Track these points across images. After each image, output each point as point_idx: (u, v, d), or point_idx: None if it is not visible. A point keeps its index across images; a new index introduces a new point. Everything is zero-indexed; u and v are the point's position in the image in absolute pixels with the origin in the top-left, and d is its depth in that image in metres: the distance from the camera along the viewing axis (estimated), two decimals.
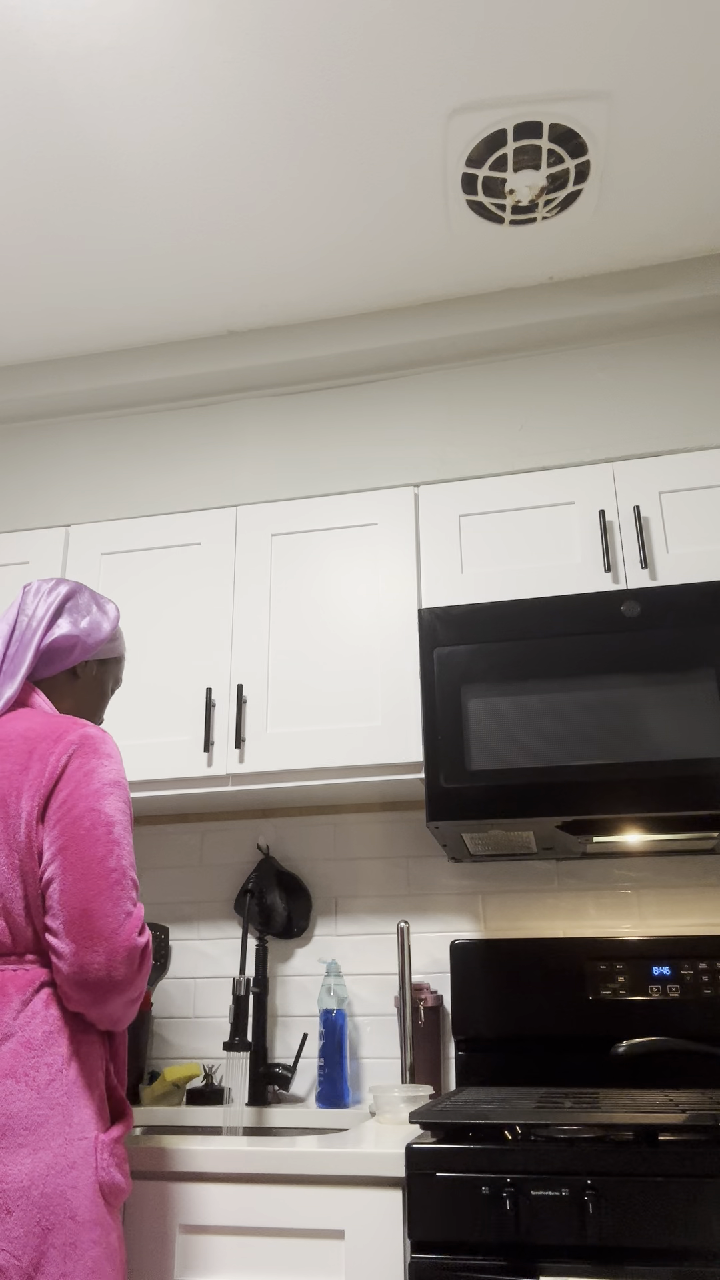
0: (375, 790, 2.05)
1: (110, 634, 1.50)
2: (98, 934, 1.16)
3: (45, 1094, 1.14)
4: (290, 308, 2.31)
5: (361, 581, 2.07)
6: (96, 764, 1.27)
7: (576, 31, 1.66)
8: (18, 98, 1.77)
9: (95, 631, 1.48)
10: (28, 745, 1.28)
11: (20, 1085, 1.13)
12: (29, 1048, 1.15)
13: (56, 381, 2.43)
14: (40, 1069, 1.15)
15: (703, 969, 1.87)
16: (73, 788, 1.24)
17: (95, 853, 1.20)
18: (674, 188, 2.00)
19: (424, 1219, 1.27)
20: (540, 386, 2.21)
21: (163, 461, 2.35)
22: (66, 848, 1.20)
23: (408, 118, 1.82)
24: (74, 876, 1.19)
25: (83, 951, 1.16)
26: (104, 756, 1.29)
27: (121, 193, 1.98)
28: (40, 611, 1.45)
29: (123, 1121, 1.22)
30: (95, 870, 1.19)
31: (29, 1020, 1.17)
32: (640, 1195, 1.22)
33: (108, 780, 1.27)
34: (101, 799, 1.24)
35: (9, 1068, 1.13)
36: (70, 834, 1.21)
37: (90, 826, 1.21)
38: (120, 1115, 1.24)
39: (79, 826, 1.21)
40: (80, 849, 1.20)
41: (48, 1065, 1.15)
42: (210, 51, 1.69)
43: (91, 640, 1.47)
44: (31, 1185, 1.09)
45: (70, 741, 1.28)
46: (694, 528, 1.96)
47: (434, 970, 2.07)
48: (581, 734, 1.72)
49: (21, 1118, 1.11)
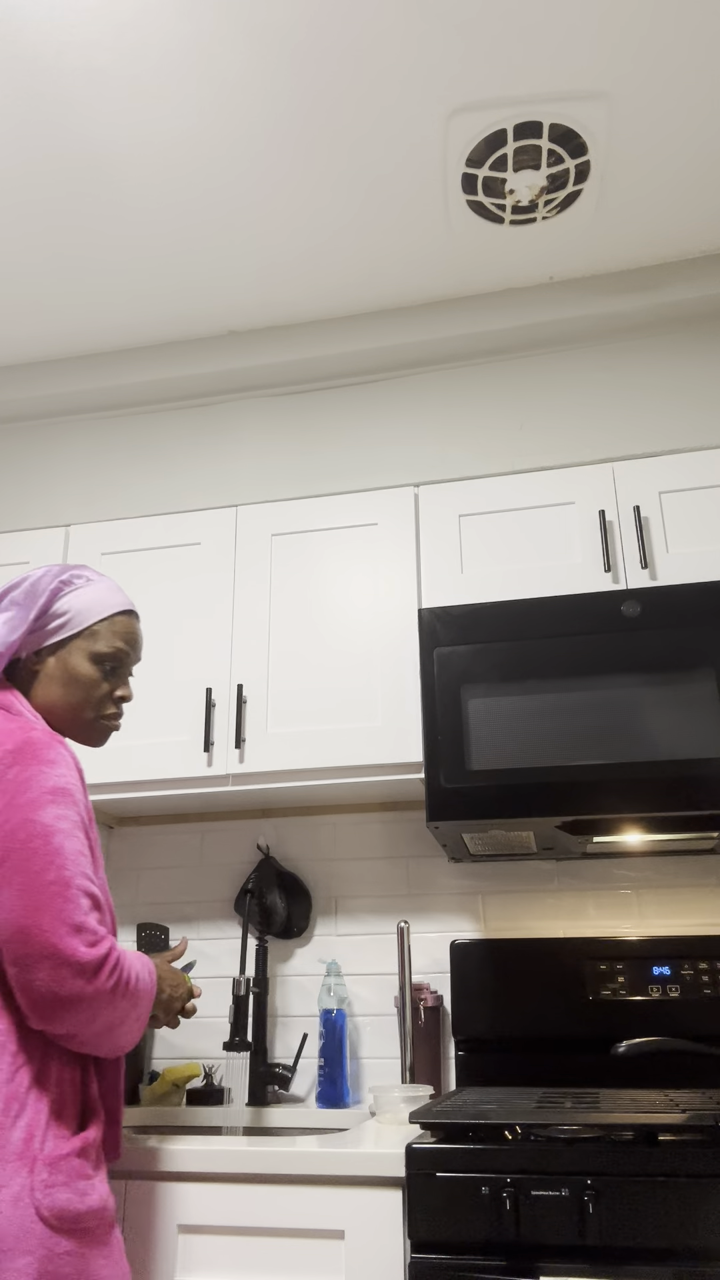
0: (375, 790, 2.05)
1: (38, 621, 1.38)
2: (37, 951, 1.09)
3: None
4: (290, 308, 2.31)
5: (361, 581, 2.07)
6: (35, 771, 1.19)
7: (576, 31, 1.66)
8: (17, 98, 1.77)
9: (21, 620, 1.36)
10: None
11: None
12: None
13: (56, 381, 2.43)
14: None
15: (703, 969, 1.87)
16: (8, 799, 1.17)
17: (32, 866, 1.13)
18: (674, 188, 2.00)
19: (424, 1219, 1.27)
20: (540, 386, 2.21)
21: (163, 461, 2.35)
22: (3, 862, 1.13)
23: (408, 118, 1.82)
24: (11, 893, 1.12)
25: (23, 971, 1.10)
26: (44, 763, 1.21)
27: (121, 193, 1.98)
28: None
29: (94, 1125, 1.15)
30: (32, 885, 1.11)
31: None
32: (640, 1195, 1.22)
33: (46, 788, 1.19)
34: (38, 809, 1.16)
35: None
36: (5, 847, 1.14)
37: (26, 839, 1.14)
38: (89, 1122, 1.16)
39: (13, 840, 1.14)
40: (15, 863, 1.13)
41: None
42: (210, 51, 1.69)
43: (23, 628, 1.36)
44: None
45: (7, 750, 1.21)
46: (694, 528, 1.96)
47: (434, 970, 2.07)
48: (581, 734, 1.72)
49: None
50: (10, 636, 1.35)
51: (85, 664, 1.39)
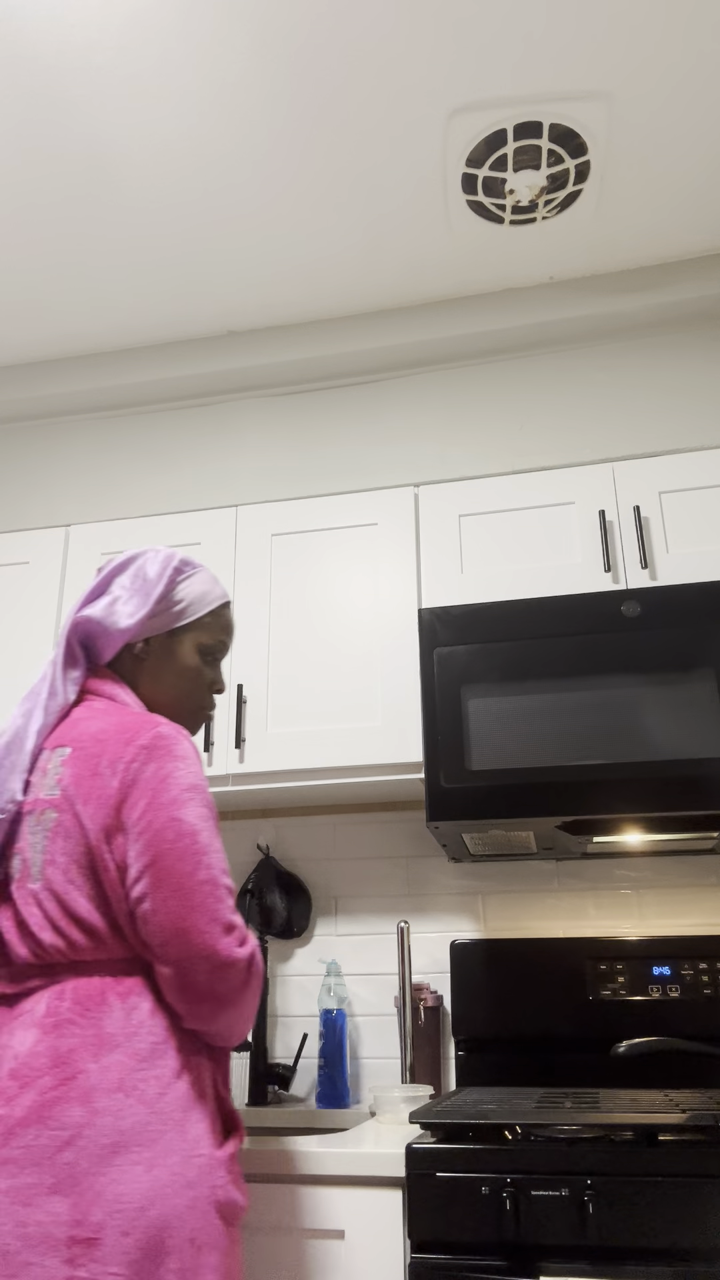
0: (375, 790, 2.05)
1: (157, 606, 1.34)
2: (195, 952, 1.09)
3: (157, 1108, 1.05)
4: (290, 308, 2.31)
5: (361, 581, 2.07)
6: (173, 767, 1.17)
7: (577, 31, 1.66)
8: (17, 98, 1.77)
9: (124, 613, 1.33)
10: (98, 748, 1.19)
11: (131, 1099, 1.04)
12: (137, 1059, 1.07)
13: (56, 381, 2.43)
14: (150, 1081, 1.06)
15: (703, 969, 1.87)
16: (150, 797, 1.15)
17: (182, 867, 1.11)
18: (674, 188, 2.00)
19: (424, 1219, 1.27)
20: (540, 386, 2.21)
21: (163, 461, 2.35)
22: (152, 864, 1.12)
23: (408, 118, 1.82)
24: (164, 894, 1.11)
25: (182, 973, 1.09)
26: (179, 759, 1.19)
27: (121, 192, 1.98)
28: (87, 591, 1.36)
29: (236, 1135, 1.14)
30: (184, 886, 1.11)
31: (135, 1030, 1.09)
32: (640, 1195, 1.22)
33: (185, 785, 1.17)
34: (181, 807, 1.15)
35: (117, 1081, 1.05)
36: (154, 849, 1.12)
37: (174, 839, 1.13)
38: (233, 1128, 1.15)
39: (161, 840, 1.12)
40: (166, 864, 1.11)
41: (157, 1078, 1.07)
42: (210, 51, 1.69)
43: (123, 624, 1.32)
44: (148, 1205, 0.99)
45: (141, 745, 1.18)
46: (694, 528, 1.96)
47: (434, 970, 2.07)
48: (582, 734, 1.72)
49: (135, 1133, 1.03)
50: (129, 623, 1.33)
51: (193, 655, 1.38)
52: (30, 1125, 1.02)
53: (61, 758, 1.20)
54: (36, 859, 1.15)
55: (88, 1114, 1.02)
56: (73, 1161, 1.00)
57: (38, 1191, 0.99)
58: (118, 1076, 1.05)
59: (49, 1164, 1.00)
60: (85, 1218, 0.97)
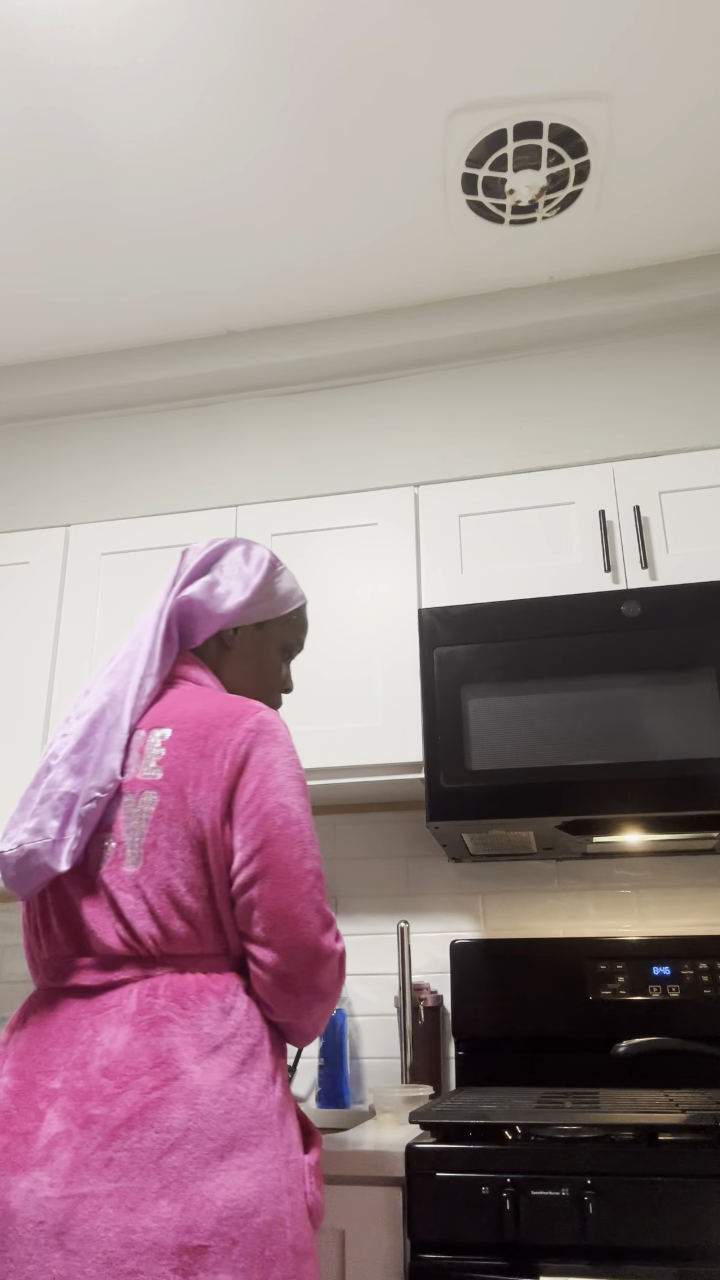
0: (375, 790, 2.05)
1: (255, 595, 1.33)
2: (301, 942, 1.07)
3: (257, 1111, 1.02)
4: (290, 308, 2.31)
5: (361, 581, 2.07)
6: (277, 753, 1.15)
7: (577, 31, 1.66)
8: (17, 98, 1.77)
9: (234, 591, 1.32)
10: (204, 729, 1.15)
11: (234, 1103, 1.00)
12: (237, 1061, 1.04)
13: (56, 381, 2.43)
14: (251, 1085, 1.03)
15: (703, 969, 1.87)
16: (258, 781, 1.12)
17: (291, 854, 1.09)
18: (674, 188, 2.00)
19: (424, 1219, 1.27)
20: (540, 386, 2.21)
21: (163, 461, 2.35)
22: (261, 849, 1.09)
23: (408, 118, 1.82)
24: (272, 881, 1.08)
25: (286, 960, 1.07)
26: (284, 744, 1.17)
27: (121, 192, 1.98)
28: (187, 570, 1.33)
29: (315, 1139, 1.12)
30: (293, 873, 1.09)
31: (234, 1032, 1.05)
32: (640, 1195, 1.22)
33: (291, 773, 1.15)
34: (288, 794, 1.13)
35: (220, 1083, 1.01)
36: (264, 834, 1.10)
37: (282, 825, 1.10)
38: (310, 1133, 1.12)
39: (270, 825, 1.10)
40: (275, 850, 1.09)
41: (256, 1081, 1.03)
42: (210, 52, 1.69)
43: (234, 599, 1.31)
44: (254, 1213, 0.96)
45: (249, 729, 1.15)
46: (694, 528, 1.96)
47: (434, 970, 2.07)
48: (581, 734, 1.72)
49: (239, 1138, 0.99)
50: (231, 607, 1.32)
51: (275, 650, 1.37)
52: (134, 1127, 0.97)
53: (162, 738, 1.16)
54: (135, 842, 1.10)
55: (193, 1117, 0.98)
56: (180, 1166, 0.95)
57: (144, 1196, 0.94)
58: (220, 1079, 1.01)
59: (155, 1168, 0.95)
60: (195, 1225, 0.93)
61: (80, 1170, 0.95)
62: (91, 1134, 0.96)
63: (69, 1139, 0.96)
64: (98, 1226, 0.92)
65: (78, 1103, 0.99)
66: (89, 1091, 0.99)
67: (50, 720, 2.09)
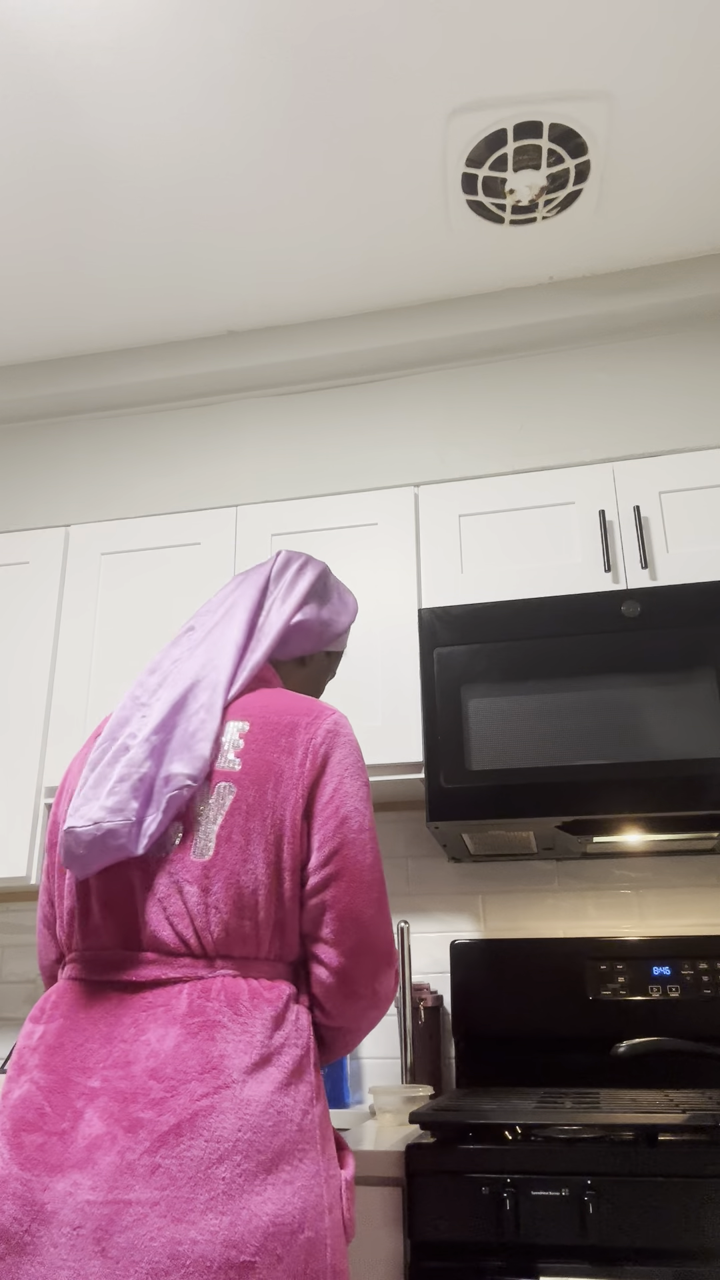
0: (375, 790, 2.05)
1: (347, 626, 1.41)
2: (369, 945, 1.07)
3: (303, 1125, 0.99)
4: (290, 308, 2.31)
5: (361, 581, 2.07)
6: (355, 757, 1.16)
7: (577, 31, 1.66)
8: (17, 97, 1.77)
9: (334, 623, 1.38)
10: (285, 726, 1.15)
11: (282, 1116, 0.98)
12: (286, 1073, 1.01)
13: (56, 381, 2.43)
14: (298, 1098, 1.00)
15: (703, 969, 1.87)
16: (337, 783, 1.12)
17: (364, 859, 1.10)
18: (674, 188, 2.00)
19: (424, 1219, 1.27)
20: (540, 386, 2.21)
21: (163, 461, 2.35)
22: (338, 852, 1.09)
23: (408, 118, 1.82)
24: (346, 883, 1.08)
25: (353, 964, 1.07)
26: (355, 749, 1.17)
27: (121, 192, 1.98)
28: (299, 587, 1.35)
29: (348, 1155, 1.09)
30: (365, 878, 1.09)
31: (285, 1042, 1.03)
32: (640, 1195, 1.22)
33: (363, 779, 1.15)
34: (361, 800, 1.13)
35: (269, 1095, 0.98)
36: (340, 837, 1.09)
37: (357, 830, 1.10)
38: (343, 1148, 1.10)
39: (347, 829, 1.10)
40: (350, 854, 1.09)
41: (303, 1094, 1.01)
42: (210, 51, 1.69)
43: (329, 631, 1.37)
44: (299, 1229, 0.93)
45: (328, 730, 1.15)
46: (694, 528, 1.96)
47: (434, 970, 2.07)
48: (581, 734, 1.72)
49: (285, 1153, 0.96)
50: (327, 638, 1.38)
51: (327, 678, 1.43)
52: (183, 1134, 0.93)
53: (240, 731, 1.14)
54: (209, 833, 1.08)
55: (242, 1128, 0.95)
56: (229, 1178, 0.92)
57: (192, 1207, 0.90)
58: (269, 1090, 0.98)
59: (204, 1178, 0.91)
60: (242, 1240, 0.90)
61: (125, 1175, 0.91)
62: (138, 1138, 0.93)
63: (113, 1142, 0.93)
64: (143, 1235, 0.88)
65: (122, 1104, 0.95)
66: (134, 1093, 0.96)
67: (50, 720, 2.09)
